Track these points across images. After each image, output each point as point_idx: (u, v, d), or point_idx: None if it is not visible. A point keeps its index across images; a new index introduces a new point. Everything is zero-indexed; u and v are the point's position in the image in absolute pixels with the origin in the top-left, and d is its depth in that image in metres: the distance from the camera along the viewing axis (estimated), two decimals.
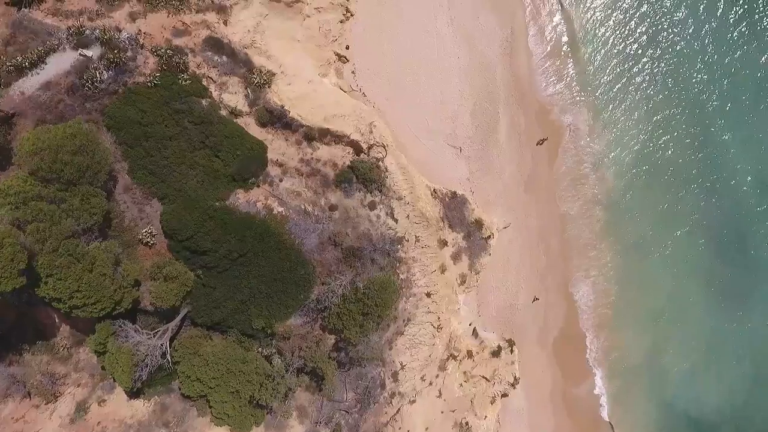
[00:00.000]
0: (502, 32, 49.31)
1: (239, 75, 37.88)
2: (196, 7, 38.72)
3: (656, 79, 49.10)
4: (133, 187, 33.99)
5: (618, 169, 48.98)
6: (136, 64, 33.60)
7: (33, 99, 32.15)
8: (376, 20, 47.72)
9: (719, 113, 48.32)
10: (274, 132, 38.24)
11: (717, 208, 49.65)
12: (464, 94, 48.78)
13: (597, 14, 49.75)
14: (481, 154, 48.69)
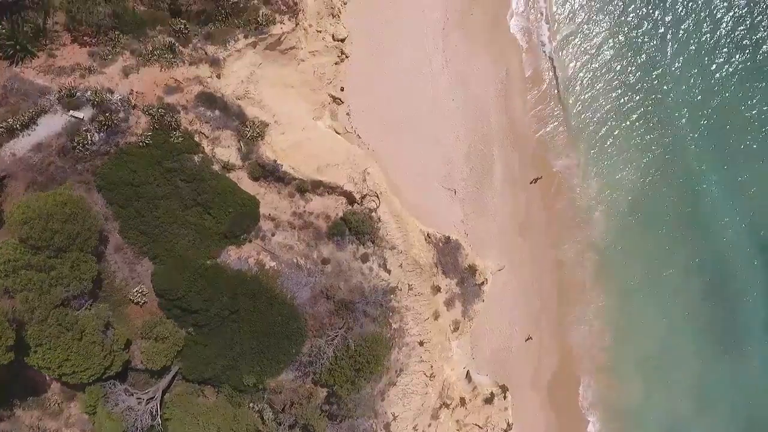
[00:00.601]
0: (497, 75, 49.26)
1: (232, 128, 37.86)
2: (190, 59, 38.79)
3: (647, 125, 49.19)
4: (125, 246, 33.94)
5: (611, 213, 48.92)
6: (128, 124, 33.57)
7: (24, 161, 32.13)
8: (371, 62, 47.72)
9: (704, 157, 48.40)
10: (266, 185, 38.19)
11: (710, 252, 49.62)
12: (459, 136, 48.77)
13: (586, 61, 49.78)
14: (475, 196, 48.65)
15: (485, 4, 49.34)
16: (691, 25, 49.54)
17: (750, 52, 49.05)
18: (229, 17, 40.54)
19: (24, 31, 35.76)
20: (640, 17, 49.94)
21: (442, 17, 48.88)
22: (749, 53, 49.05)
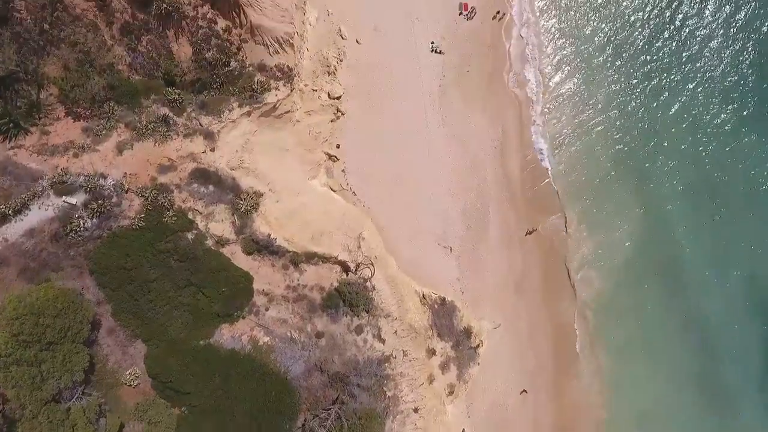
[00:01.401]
0: (493, 132, 49.28)
1: (226, 201, 37.76)
2: (184, 130, 38.72)
3: (636, 188, 49.64)
4: (117, 329, 33.80)
5: (606, 272, 48.93)
6: (121, 208, 33.45)
7: (16, 246, 32.00)
8: (367, 119, 47.74)
9: (689, 218, 49.05)
10: (260, 259, 38.06)
11: (702, 309, 49.64)
12: (455, 194, 48.72)
13: (577, 124, 50.00)
14: (471, 254, 48.54)
15: (482, 62, 49.26)
16: (685, 98, 50.02)
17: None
18: (224, 85, 40.54)
19: (17, 106, 35.75)
20: (632, 84, 50.14)
21: (438, 74, 48.94)
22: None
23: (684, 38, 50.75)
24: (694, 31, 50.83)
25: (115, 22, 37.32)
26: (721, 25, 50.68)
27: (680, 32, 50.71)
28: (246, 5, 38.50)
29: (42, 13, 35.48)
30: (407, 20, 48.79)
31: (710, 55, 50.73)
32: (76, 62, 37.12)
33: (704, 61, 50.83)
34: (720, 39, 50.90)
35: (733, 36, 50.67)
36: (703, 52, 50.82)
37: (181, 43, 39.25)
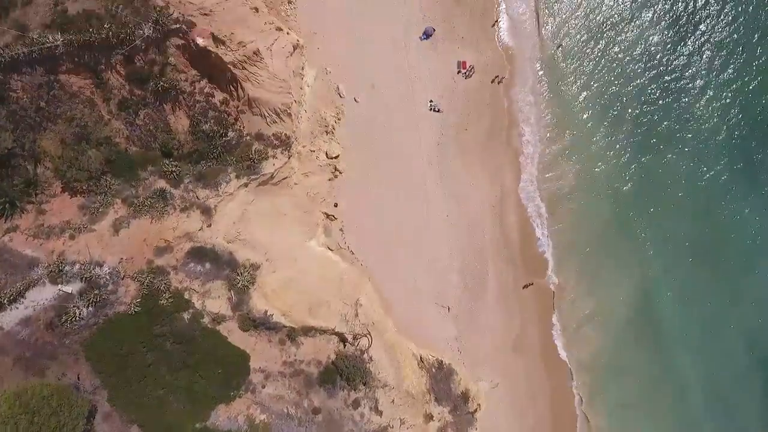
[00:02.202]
0: (491, 191, 49.16)
1: (222, 277, 37.66)
2: (181, 203, 38.64)
3: (636, 246, 49.41)
4: (113, 414, 33.65)
5: (604, 330, 48.83)
6: (117, 296, 33.35)
7: (12, 335, 31.92)
8: (365, 178, 47.64)
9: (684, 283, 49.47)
10: (257, 335, 37.96)
11: (706, 369, 49.51)
12: (453, 253, 48.61)
13: (573, 189, 50.05)
14: (469, 313, 48.43)
15: (480, 121, 49.15)
16: (679, 155, 50.21)
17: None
18: (221, 154, 40.41)
19: (14, 183, 35.67)
20: (629, 144, 50.43)
21: (436, 133, 48.83)
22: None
23: (679, 98, 50.66)
24: (689, 91, 50.72)
25: (112, 98, 37.22)
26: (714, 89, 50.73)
27: (676, 92, 50.64)
28: (243, 80, 38.43)
29: (38, 92, 35.39)
30: (406, 78, 48.65)
31: (703, 114, 50.67)
32: (73, 136, 37.06)
33: (697, 118, 50.74)
34: (714, 101, 50.83)
35: (724, 96, 50.64)
36: (696, 110, 50.72)
37: (179, 116, 39.17)
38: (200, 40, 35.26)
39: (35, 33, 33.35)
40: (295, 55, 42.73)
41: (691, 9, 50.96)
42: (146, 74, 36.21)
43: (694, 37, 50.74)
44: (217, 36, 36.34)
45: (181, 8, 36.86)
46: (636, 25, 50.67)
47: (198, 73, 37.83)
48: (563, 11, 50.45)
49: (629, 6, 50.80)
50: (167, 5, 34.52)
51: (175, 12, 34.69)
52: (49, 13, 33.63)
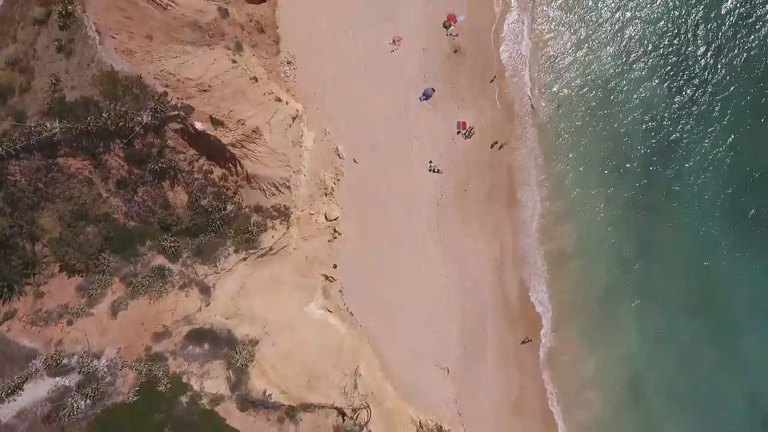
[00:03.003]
0: (491, 252, 48.92)
1: (221, 357, 37.59)
2: (180, 278, 38.59)
3: (639, 306, 49.25)
4: None
5: (607, 394, 48.53)
6: (115, 387, 33.24)
7: (8, 427, 31.78)
8: (365, 239, 47.55)
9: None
10: (255, 414, 37.81)
11: (707, 423, 49.25)
12: (452, 313, 48.40)
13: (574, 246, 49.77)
14: (468, 374, 48.20)
15: (480, 181, 48.99)
16: (680, 217, 50.22)
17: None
18: (220, 227, 40.34)
19: (13, 266, 35.60)
20: (629, 203, 50.15)
21: (436, 193, 48.64)
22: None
23: (679, 157, 50.41)
24: (688, 149, 50.54)
25: (110, 177, 37.16)
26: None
27: (675, 152, 50.44)
28: (242, 157, 38.38)
29: (36, 175, 35.34)
30: (405, 139, 48.50)
31: (700, 170, 50.54)
32: (71, 214, 37.02)
33: (696, 175, 50.62)
34: (710, 157, 50.70)
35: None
36: (695, 167, 50.58)
37: (177, 191, 39.12)
38: (199, 125, 35.18)
39: (33, 121, 33.32)
40: (295, 125, 42.69)
41: (687, 67, 50.74)
42: (144, 155, 36.13)
43: (692, 97, 50.52)
44: (216, 118, 36.24)
45: (179, 87, 36.89)
46: (634, 84, 50.35)
47: (197, 152, 37.75)
48: (562, 71, 50.17)
49: (626, 63, 50.48)
50: (165, 92, 34.38)
51: (173, 98, 34.57)
52: (47, 101, 33.60)
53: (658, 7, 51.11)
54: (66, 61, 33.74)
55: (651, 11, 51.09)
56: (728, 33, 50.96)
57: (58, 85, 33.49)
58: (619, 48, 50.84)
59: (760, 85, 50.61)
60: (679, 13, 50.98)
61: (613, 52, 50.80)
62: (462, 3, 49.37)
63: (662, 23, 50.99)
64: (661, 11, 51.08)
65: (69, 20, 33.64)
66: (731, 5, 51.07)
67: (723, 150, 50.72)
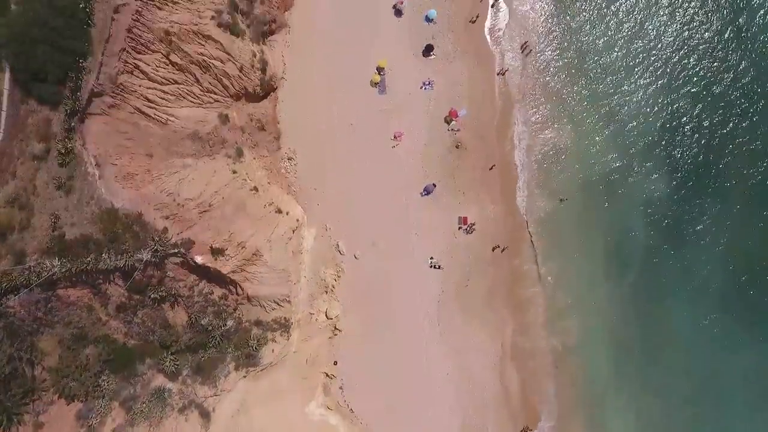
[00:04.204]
0: (492, 348, 48.77)
1: None
2: (180, 398, 38.53)
3: (643, 394, 49.12)
4: None
5: None
6: None
7: None
8: (365, 336, 47.43)
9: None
10: None
11: None
12: (453, 409, 48.25)
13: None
14: None
15: (481, 277, 48.80)
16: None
17: None
18: (220, 342, 40.20)
19: (12, 394, 35.44)
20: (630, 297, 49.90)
21: (437, 289, 48.48)
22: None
23: (682, 247, 50.30)
24: (690, 240, 50.38)
25: (110, 303, 37.00)
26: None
27: (678, 242, 50.33)
28: (242, 281, 38.21)
29: (36, 306, 35.18)
30: (406, 234, 48.35)
31: (704, 261, 50.40)
32: (71, 337, 36.88)
33: (699, 266, 50.46)
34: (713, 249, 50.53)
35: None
36: (697, 258, 50.44)
37: (177, 312, 38.96)
38: (199, 258, 35.05)
39: (33, 260, 33.14)
40: (296, 236, 42.54)
41: (688, 164, 50.55)
42: (144, 285, 35.97)
43: (694, 192, 50.31)
44: (216, 247, 36.07)
45: (180, 214, 36.75)
46: (636, 178, 50.16)
47: (197, 278, 37.60)
48: (562, 165, 49.92)
49: (627, 157, 50.26)
50: (165, 229, 34.23)
51: (173, 235, 34.42)
52: (47, 239, 33.40)
53: (658, 109, 50.61)
54: (65, 199, 33.57)
55: (648, 112, 50.56)
56: (731, 132, 50.64)
57: (57, 223, 33.28)
58: (619, 143, 50.52)
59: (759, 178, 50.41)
60: (679, 112, 50.65)
61: (614, 147, 50.48)
62: (463, 97, 49.16)
63: (661, 122, 50.58)
64: (659, 110, 50.65)
65: (68, 157, 33.44)
66: (732, 102, 50.69)
67: (725, 244, 50.43)
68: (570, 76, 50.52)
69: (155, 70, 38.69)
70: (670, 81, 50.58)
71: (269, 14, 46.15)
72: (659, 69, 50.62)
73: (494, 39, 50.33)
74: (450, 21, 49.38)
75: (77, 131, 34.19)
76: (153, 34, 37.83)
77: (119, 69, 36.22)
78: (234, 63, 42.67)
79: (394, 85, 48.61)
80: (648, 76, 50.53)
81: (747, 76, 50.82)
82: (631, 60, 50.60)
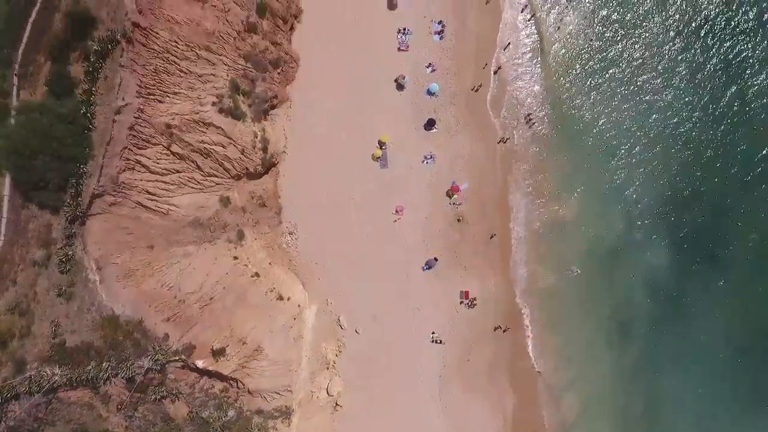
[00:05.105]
0: (494, 422, 48.58)
1: None
2: None
3: None
4: None
5: None
6: None
7: None
8: (367, 411, 47.42)
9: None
10: None
11: None
12: None
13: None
14: None
15: (482, 351, 48.64)
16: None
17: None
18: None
19: None
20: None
21: (438, 364, 48.37)
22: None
23: (686, 319, 50.11)
24: (692, 312, 50.19)
25: (111, 401, 36.83)
26: None
27: (680, 313, 50.15)
28: (243, 377, 38.06)
29: (37, 408, 35.05)
30: (407, 309, 48.21)
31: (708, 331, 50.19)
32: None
33: (705, 336, 50.30)
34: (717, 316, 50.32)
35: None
36: (702, 327, 50.22)
37: (179, 406, 38.79)
38: (200, 363, 34.92)
39: (33, 368, 33.02)
40: (297, 323, 42.41)
41: (689, 232, 50.36)
42: (146, 386, 35.83)
43: (695, 261, 50.16)
44: (216, 348, 35.91)
45: (180, 312, 36.60)
46: (636, 250, 49.95)
47: (198, 376, 37.45)
48: (563, 238, 49.71)
49: (631, 231, 50.09)
50: (166, 335, 34.09)
51: (173, 342, 34.28)
52: (47, 346, 33.31)
53: (659, 180, 50.17)
54: (66, 305, 33.48)
55: (650, 184, 50.17)
56: (732, 204, 50.31)
57: (58, 330, 33.19)
58: (620, 214, 50.27)
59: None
60: (679, 184, 50.32)
61: (615, 218, 50.28)
62: (465, 170, 48.99)
63: (662, 194, 50.19)
64: (660, 181, 50.21)
65: (69, 264, 33.30)
66: (733, 173, 50.43)
67: (727, 314, 50.24)
68: (571, 148, 50.28)
69: (156, 162, 38.60)
70: (671, 152, 50.28)
71: (271, 91, 45.97)
72: (659, 142, 50.31)
73: (496, 110, 50.07)
74: (452, 94, 49.19)
75: (78, 236, 34.01)
76: (154, 128, 37.75)
77: (120, 168, 36.09)
78: (235, 146, 42.67)
79: (395, 159, 48.47)
80: (648, 150, 50.22)
81: (743, 144, 50.45)
82: (632, 133, 50.29)
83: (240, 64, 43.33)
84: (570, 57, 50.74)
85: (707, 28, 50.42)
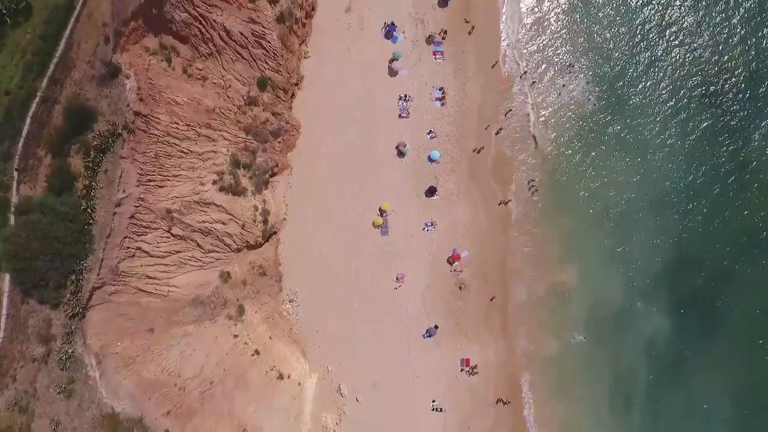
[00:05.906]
0: None
1: None
2: None
3: None
4: None
5: None
6: None
7: None
8: None
9: None
10: None
11: None
12: None
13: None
14: None
15: (483, 419, 48.51)
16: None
17: None
18: None
19: None
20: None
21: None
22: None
23: (687, 377, 50.14)
24: (694, 363, 50.09)
25: None
26: None
27: (680, 369, 50.13)
28: None
29: None
30: (408, 377, 48.01)
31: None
32: None
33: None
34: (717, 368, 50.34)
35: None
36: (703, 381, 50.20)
37: None
38: None
39: None
40: (297, 403, 42.29)
41: (689, 293, 50.43)
42: None
43: (695, 323, 50.19)
44: None
45: (181, 401, 36.44)
46: (641, 318, 50.02)
47: None
48: (565, 304, 49.65)
49: (633, 297, 50.11)
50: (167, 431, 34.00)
51: None
52: None
53: (660, 246, 50.23)
54: (66, 403, 33.32)
55: (651, 250, 50.19)
56: (734, 269, 50.36)
57: (57, 428, 33.01)
58: (621, 280, 50.26)
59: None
60: (681, 249, 50.33)
61: (617, 283, 50.29)
62: (466, 237, 48.91)
63: (663, 259, 50.20)
64: (661, 248, 50.27)
65: (69, 362, 33.16)
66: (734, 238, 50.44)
67: (728, 378, 50.22)
68: (572, 214, 50.25)
69: (156, 246, 38.52)
70: (672, 218, 50.35)
71: (272, 160, 45.88)
72: (660, 208, 50.35)
73: (497, 173, 49.93)
74: (453, 161, 49.12)
75: (78, 332, 33.88)
76: (155, 214, 37.64)
77: (120, 258, 35.97)
78: (236, 221, 42.60)
79: (396, 226, 48.37)
80: (649, 216, 50.26)
81: (746, 209, 50.57)
82: (634, 200, 50.31)
83: (241, 137, 43.33)
84: (571, 123, 50.74)
85: (708, 94, 50.61)
